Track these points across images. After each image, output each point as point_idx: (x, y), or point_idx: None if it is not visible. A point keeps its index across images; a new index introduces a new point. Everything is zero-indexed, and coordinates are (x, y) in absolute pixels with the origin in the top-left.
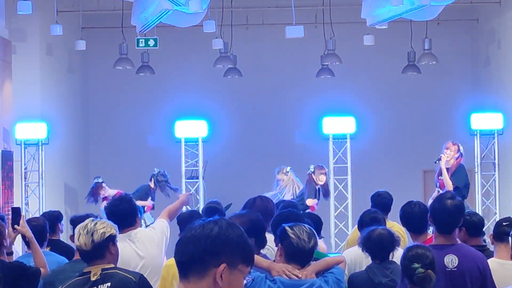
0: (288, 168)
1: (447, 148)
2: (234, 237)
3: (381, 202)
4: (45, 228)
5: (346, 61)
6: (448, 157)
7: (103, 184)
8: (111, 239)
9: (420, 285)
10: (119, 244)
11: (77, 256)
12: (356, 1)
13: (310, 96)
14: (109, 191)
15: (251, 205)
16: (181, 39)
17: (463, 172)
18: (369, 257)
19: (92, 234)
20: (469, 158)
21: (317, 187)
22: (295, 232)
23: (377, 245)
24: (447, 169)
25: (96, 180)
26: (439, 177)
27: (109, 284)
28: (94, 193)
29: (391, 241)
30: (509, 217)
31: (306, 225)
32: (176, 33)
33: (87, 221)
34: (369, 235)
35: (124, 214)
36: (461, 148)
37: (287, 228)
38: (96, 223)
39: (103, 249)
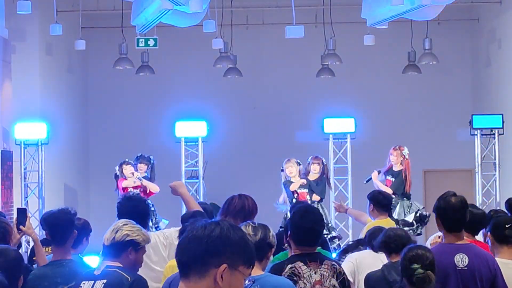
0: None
1: (391, 154)
2: (236, 238)
3: (383, 201)
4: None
5: (346, 61)
6: (393, 162)
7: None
8: (132, 244)
9: (418, 286)
10: None
11: (55, 257)
12: (356, 1)
13: (310, 96)
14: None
15: (229, 203)
16: (181, 39)
17: (400, 179)
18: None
19: (116, 232)
20: (469, 158)
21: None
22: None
23: (395, 242)
24: (400, 171)
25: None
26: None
27: (104, 281)
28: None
29: (407, 239)
30: (510, 217)
31: (255, 222)
32: (176, 33)
33: (121, 220)
34: (386, 233)
35: (135, 213)
36: (404, 151)
37: None
38: (126, 224)
39: (120, 250)
